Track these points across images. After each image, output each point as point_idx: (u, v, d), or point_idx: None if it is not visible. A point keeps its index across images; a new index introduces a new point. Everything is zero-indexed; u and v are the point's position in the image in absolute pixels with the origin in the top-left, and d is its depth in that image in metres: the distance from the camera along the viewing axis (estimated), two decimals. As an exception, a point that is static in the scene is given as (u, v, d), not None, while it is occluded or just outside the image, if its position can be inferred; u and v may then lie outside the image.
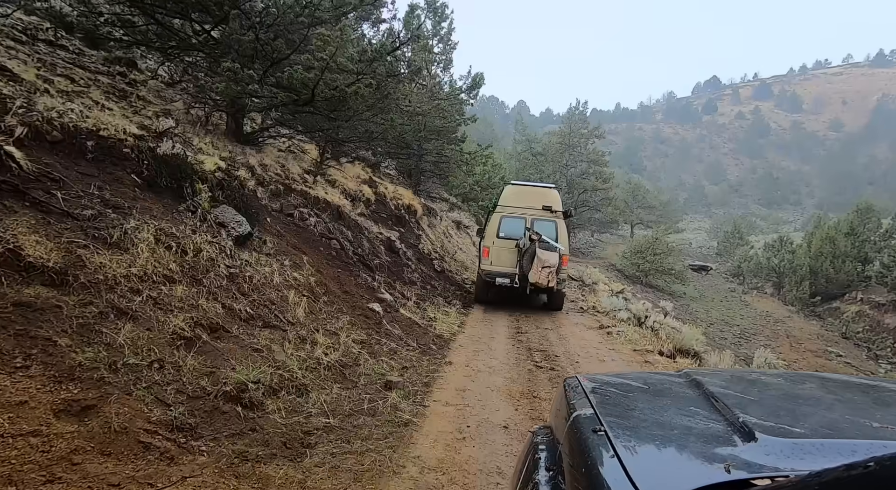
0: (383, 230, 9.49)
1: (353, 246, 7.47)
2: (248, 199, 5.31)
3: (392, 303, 5.85)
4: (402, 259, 8.74)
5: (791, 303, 35.39)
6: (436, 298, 7.66)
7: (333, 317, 4.56)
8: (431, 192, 18.46)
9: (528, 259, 7.95)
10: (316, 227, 6.90)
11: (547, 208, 8.84)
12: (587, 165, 36.93)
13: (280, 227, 5.88)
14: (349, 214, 8.10)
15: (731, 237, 46.92)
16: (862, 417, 1.19)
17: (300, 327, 3.91)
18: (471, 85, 15.06)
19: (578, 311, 9.28)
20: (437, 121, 14.72)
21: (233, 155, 7.26)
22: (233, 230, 4.35)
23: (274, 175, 7.57)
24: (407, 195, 13.82)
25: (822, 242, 35.31)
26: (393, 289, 6.60)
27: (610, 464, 0.94)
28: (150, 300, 2.86)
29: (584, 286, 14.48)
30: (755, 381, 1.61)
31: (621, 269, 36.28)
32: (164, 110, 7.70)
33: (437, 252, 12.09)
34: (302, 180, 8.26)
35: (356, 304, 5.13)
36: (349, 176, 11.34)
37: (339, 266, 6.10)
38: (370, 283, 6.01)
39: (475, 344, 5.88)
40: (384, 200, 11.78)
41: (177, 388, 2.40)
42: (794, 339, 29.43)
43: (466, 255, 16.18)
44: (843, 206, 64.53)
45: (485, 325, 6.95)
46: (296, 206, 7.05)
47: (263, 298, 3.93)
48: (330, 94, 6.48)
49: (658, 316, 8.31)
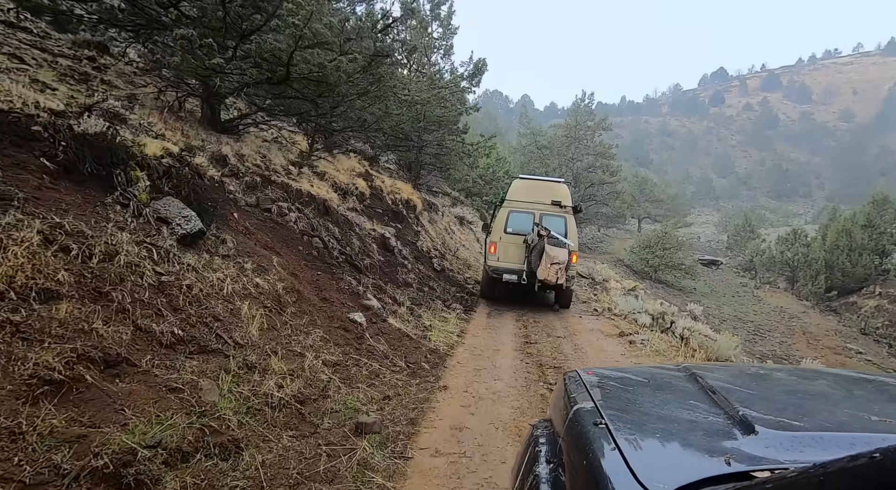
0: (377, 226, 8.61)
1: (341, 244, 6.60)
2: (207, 190, 4.44)
3: (380, 311, 4.97)
4: (396, 258, 7.86)
5: (806, 298, 34.42)
6: (433, 302, 6.77)
7: (302, 332, 3.68)
8: (433, 186, 17.56)
9: (536, 255, 7.75)
10: (297, 224, 6.03)
11: (556, 203, 8.58)
12: (594, 158, 35.87)
13: (251, 224, 5.01)
14: (337, 209, 7.22)
15: (742, 231, 45.78)
16: (861, 411, 1.19)
17: (251, 350, 3.03)
18: (473, 71, 14.11)
19: (592, 314, 8.36)
20: (437, 110, 13.81)
21: (205, 143, 6.40)
22: (178, 227, 3.49)
23: (252, 166, 6.71)
24: (406, 189, 12.94)
25: (838, 235, 34.27)
26: (383, 293, 5.72)
27: (611, 456, 0.95)
28: (6, 327, 2.00)
29: (596, 284, 13.56)
30: (755, 375, 1.62)
31: (629, 265, 35.35)
32: (130, 95, 6.85)
33: (437, 250, 11.20)
34: (285, 172, 7.39)
35: (335, 315, 4.26)
36: (342, 168, 10.45)
37: (320, 268, 5.22)
38: (355, 288, 5.13)
39: (477, 359, 4.99)
40: (380, 195, 10.90)
41: (1, 472, 1.54)
42: (811, 336, 28.44)
43: (469, 253, 15.28)
44: (855, 198, 63.15)
45: (488, 334, 6.07)
46: (274, 199, 6.19)
47: (204, 313, 3.06)
48: (307, 70, 5.58)
49: (685, 320, 7.40)
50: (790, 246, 35.30)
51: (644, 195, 49.14)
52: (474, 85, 13.92)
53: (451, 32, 14.85)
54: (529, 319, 7.32)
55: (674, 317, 7.39)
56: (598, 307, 8.86)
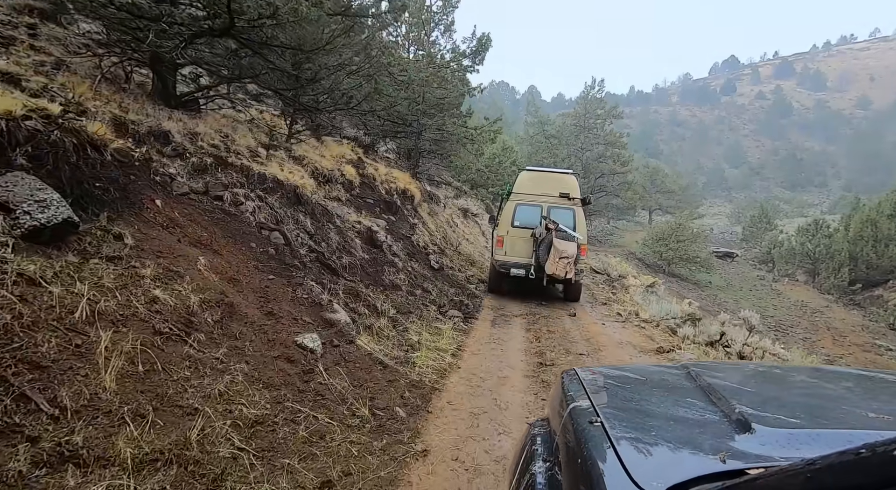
0: (365, 218, 7.47)
1: (314, 240, 5.48)
2: (105, 167, 3.29)
3: (347, 327, 3.80)
4: (385, 255, 6.73)
5: (828, 291, 33.02)
6: (426, 309, 5.62)
7: (212, 371, 2.53)
8: (434, 175, 16.38)
9: (544, 249, 7.60)
10: (255, 215, 4.91)
11: (564, 195, 8.40)
12: (604, 148, 34.44)
13: (184, 214, 3.90)
14: (312, 198, 6.09)
15: (758, 222, 44.18)
16: (858, 408, 1.18)
17: (86, 419, 1.86)
18: (476, 48, 12.87)
19: (616, 319, 7.17)
20: (437, 91, 12.61)
21: (152, 118, 5.29)
22: (25, 217, 2.38)
23: (208, 146, 5.58)
24: (403, 178, 11.78)
25: (863, 225, 32.78)
26: (358, 301, 4.56)
27: (606, 455, 0.94)
28: None
29: (613, 281, 12.34)
30: (752, 373, 1.60)
31: (641, 258, 34.10)
32: (59, 61, 5.75)
33: (435, 245, 10.05)
34: (251, 155, 6.26)
35: (277, 338, 3.12)
36: (330, 155, 9.29)
37: (276, 270, 4.09)
38: (318, 296, 3.98)
39: (475, 396, 3.69)
40: (372, 183, 9.75)
41: None
42: (837, 332, 27.08)
43: (473, 247, 14.12)
44: (873, 188, 61.22)
45: (492, 351, 4.89)
46: (229, 185, 5.07)
47: (11, 358, 1.91)
48: (256, 14, 4.42)
49: (736, 331, 6.11)
50: (811, 237, 33.77)
51: (655, 186, 47.78)
52: (477, 63, 12.68)
53: (452, 6, 13.58)
54: (542, 328, 6.15)
55: (723, 326, 6.16)
56: (622, 310, 7.65)
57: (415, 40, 14.09)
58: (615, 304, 8.50)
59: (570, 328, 6.30)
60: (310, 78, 7.29)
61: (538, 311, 7.39)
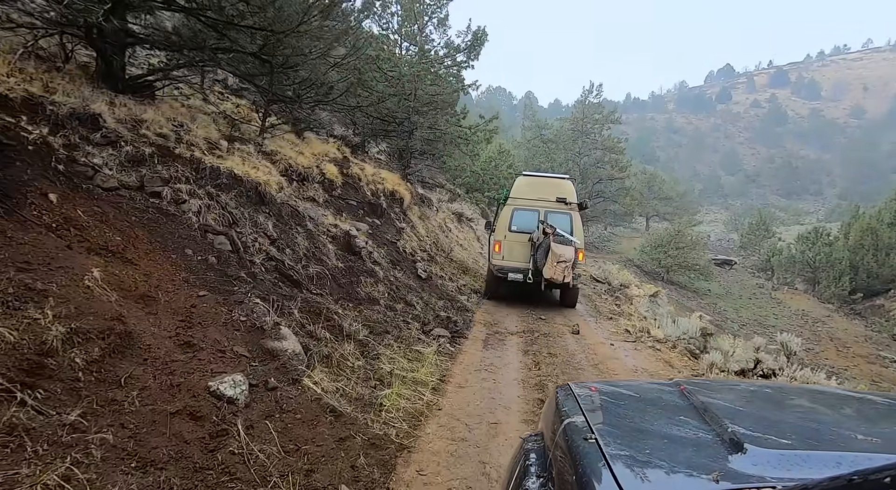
0: (344, 222, 6.66)
1: (276, 246, 4.67)
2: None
3: (295, 358, 2.91)
4: (364, 263, 5.91)
5: (828, 300, 32.51)
6: (407, 327, 4.79)
7: (46, 449, 1.65)
8: (427, 178, 15.60)
9: (542, 253, 7.62)
10: (200, 215, 4.10)
11: (561, 200, 8.45)
12: (602, 153, 33.80)
13: (93, 212, 3.08)
14: (277, 197, 5.27)
15: (757, 229, 43.75)
16: (848, 430, 1.19)
17: None
18: (471, 43, 12.13)
19: (625, 337, 6.34)
20: (429, 87, 11.83)
21: (81, 100, 4.46)
22: None
23: (152, 135, 4.78)
24: (392, 179, 10.98)
25: (863, 234, 32.36)
26: (318, 321, 3.69)
27: (601, 472, 0.94)
28: None
29: (615, 291, 11.57)
30: (745, 392, 1.59)
31: (640, 265, 33.45)
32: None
33: (425, 251, 9.24)
34: (209, 147, 5.44)
35: (185, 382, 2.26)
36: (312, 152, 8.47)
37: (212, 284, 3.27)
38: (260, 318, 3.11)
39: (455, 461, 2.71)
40: (356, 184, 8.94)
41: None
42: (840, 343, 26.45)
43: (467, 253, 13.33)
44: (868, 196, 61.18)
45: (482, 382, 4.00)
46: (170, 180, 4.26)
47: None
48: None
49: (772, 357, 5.23)
50: (811, 245, 33.23)
51: (653, 193, 47.36)
52: (472, 58, 11.94)
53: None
54: (542, 350, 5.30)
55: (757, 350, 5.33)
56: (630, 327, 6.83)
57: (408, 35, 13.34)
58: (621, 318, 7.70)
59: (575, 350, 5.46)
60: (282, 64, 6.49)
61: (537, 326, 6.58)
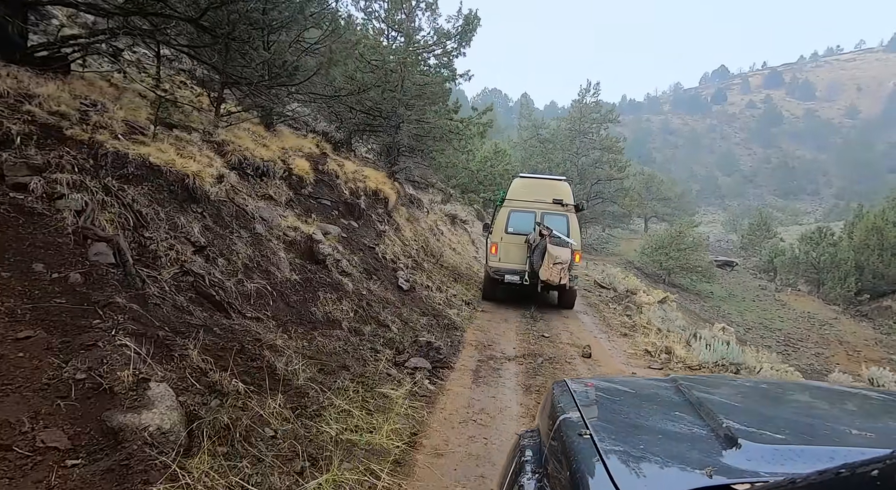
0: (308, 224, 5.58)
1: (202, 255, 3.56)
2: None
3: (151, 444, 1.74)
4: (329, 274, 4.80)
5: (833, 301, 31.60)
6: (374, 358, 3.69)
7: None
8: (418, 177, 14.53)
9: (538, 255, 7.57)
10: (81, 216, 3.02)
11: (558, 202, 8.44)
12: (600, 153, 32.86)
13: None
14: (212, 192, 4.17)
15: (757, 229, 42.93)
16: (842, 424, 1.19)
17: None
18: (462, 28, 11.10)
19: (647, 361, 5.22)
20: (417, 76, 10.77)
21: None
22: None
23: (41, 112, 3.71)
24: (375, 178, 9.90)
25: (868, 233, 31.52)
26: (228, 364, 2.50)
27: (595, 467, 0.95)
28: None
29: (622, 298, 10.49)
30: (740, 387, 1.60)
31: (640, 267, 32.48)
32: None
33: (409, 257, 8.16)
34: (127, 131, 4.34)
35: None
36: (280, 145, 7.36)
37: (56, 316, 2.19)
38: (116, 371, 1.94)
39: None
40: (332, 182, 7.86)
41: None
42: (849, 346, 25.52)
43: (461, 258, 12.24)
44: (864, 195, 60.67)
45: (468, 446, 2.76)
46: (48, 168, 3.16)
47: None
48: None
49: None
50: (815, 245, 32.31)
51: (651, 193, 46.56)
52: (464, 45, 10.90)
53: (435, -19, 11.82)
54: (548, 384, 4.24)
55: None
56: (651, 348, 5.68)
57: (395, 23, 12.28)
58: (638, 334, 6.61)
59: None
60: (228, 34, 5.41)
61: (539, 347, 5.49)
